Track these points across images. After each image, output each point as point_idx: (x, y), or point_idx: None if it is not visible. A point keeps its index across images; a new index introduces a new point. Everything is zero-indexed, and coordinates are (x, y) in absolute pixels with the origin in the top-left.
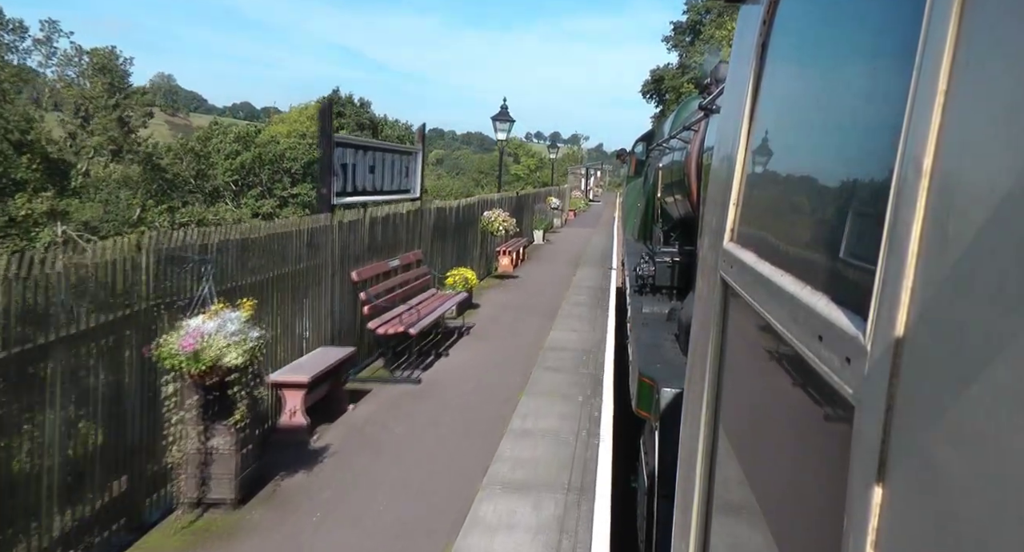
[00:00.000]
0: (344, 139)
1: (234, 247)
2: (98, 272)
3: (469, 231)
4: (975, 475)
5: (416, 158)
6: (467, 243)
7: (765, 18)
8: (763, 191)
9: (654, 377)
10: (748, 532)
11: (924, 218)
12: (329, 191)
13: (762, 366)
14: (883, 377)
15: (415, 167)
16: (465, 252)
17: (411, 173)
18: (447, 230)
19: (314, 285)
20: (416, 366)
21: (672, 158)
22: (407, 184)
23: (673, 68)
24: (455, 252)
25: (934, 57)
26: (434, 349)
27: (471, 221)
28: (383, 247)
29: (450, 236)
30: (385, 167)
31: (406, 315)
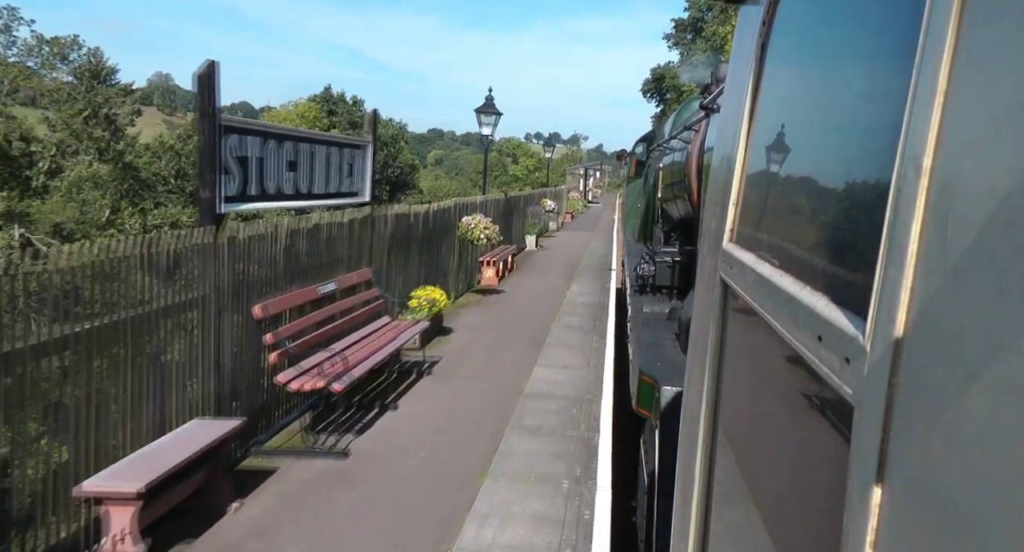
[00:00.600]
0: (239, 123)
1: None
2: None
3: (443, 241)
4: (974, 475)
5: (365, 153)
6: (440, 255)
7: (765, 19)
8: (763, 192)
9: (655, 376)
10: (747, 532)
11: (924, 218)
12: (214, 195)
13: (762, 367)
14: (882, 377)
15: (363, 163)
16: (437, 266)
17: (359, 171)
18: (412, 241)
19: (181, 330)
20: (347, 429)
21: (673, 158)
22: (352, 185)
23: (674, 66)
24: (423, 267)
25: (934, 57)
26: (380, 399)
27: (446, 229)
28: (311, 268)
29: (416, 248)
30: (316, 163)
31: (329, 365)
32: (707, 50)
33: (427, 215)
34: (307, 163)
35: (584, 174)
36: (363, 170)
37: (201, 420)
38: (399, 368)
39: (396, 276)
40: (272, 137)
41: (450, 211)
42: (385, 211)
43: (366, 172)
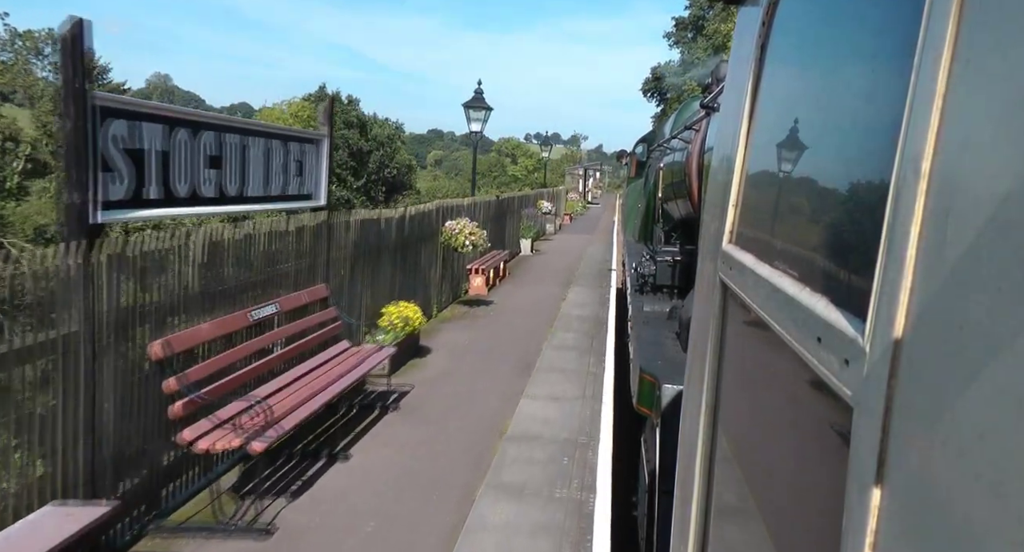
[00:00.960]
0: (127, 104)
1: None
2: None
3: (424, 248)
4: (974, 476)
5: (320, 148)
6: (420, 264)
7: (764, 19)
8: (762, 193)
9: (655, 374)
10: (747, 532)
11: (923, 219)
12: (85, 199)
13: (761, 368)
14: (882, 379)
15: (317, 161)
16: (416, 277)
17: (312, 170)
18: (383, 250)
19: (28, 387)
20: (280, 490)
21: (673, 158)
22: (303, 187)
23: (675, 65)
24: (398, 279)
25: (933, 58)
26: (329, 445)
27: (427, 234)
28: (244, 288)
29: (389, 258)
30: (251, 160)
31: (252, 415)
32: (708, 49)
33: (403, 220)
34: (236, 159)
35: (583, 174)
36: (317, 169)
37: (58, 506)
38: (360, 402)
39: (362, 291)
40: (182, 125)
41: (432, 215)
42: (347, 217)
43: (321, 171)
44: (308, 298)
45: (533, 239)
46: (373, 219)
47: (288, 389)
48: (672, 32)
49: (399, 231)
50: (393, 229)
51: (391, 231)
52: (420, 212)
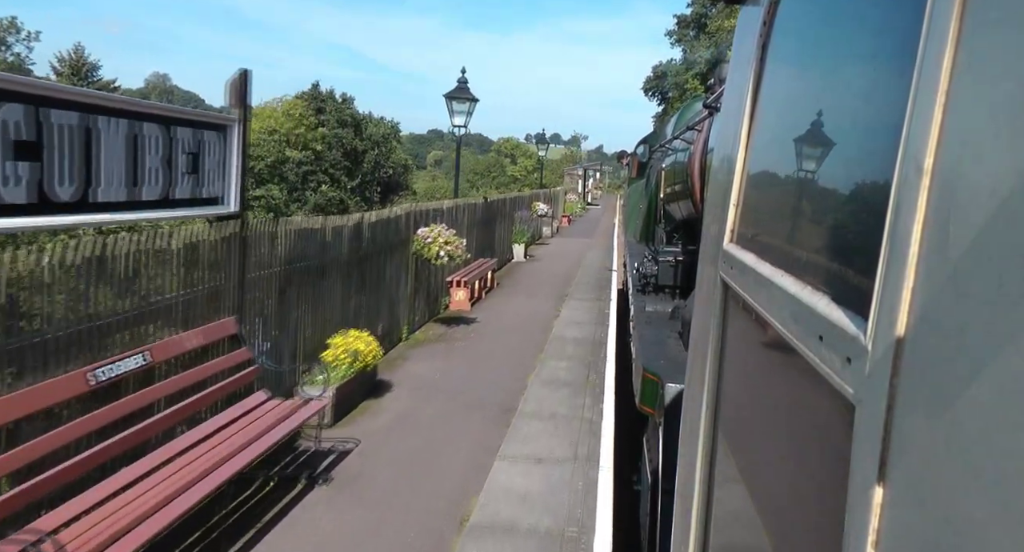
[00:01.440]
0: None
1: None
2: None
3: (390, 260)
4: (976, 475)
5: (227, 138)
6: (384, 280)
7: (765, 19)
8: (763, 192)
9: (658, 373)
10: (749, 531)
11: (925, 218)
12: None
13: (763, 367)
14: (884, 377)
15: (224, 154)
16: (378, 296)
17: (215, 166)
18: (331, 266)
19: None
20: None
21: (675, 159)
22: (201, 188)
23: (677, 64)
24: (354, 301)
25: (935, 57)
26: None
27: (395, 244)
28: (87, 336)
29: (340, 275)
30: (104, 149)
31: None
32: (711, 46)
33: (359, 228)
34: (70, 147)
35: (583, 175)
36: (223, 165)
37: None
38: (282, 470)
39: (299, 320)
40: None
41: (400, 221)
42: (274, 227)
43: (230, 168)
44: (204, 339)
45: (527, 244)
46: (312, 229)
47: (156, 475)
48: (674, 30)
49: (354, 242)
50: (345, 240)
51: (341, 243)
52: (385, 218)
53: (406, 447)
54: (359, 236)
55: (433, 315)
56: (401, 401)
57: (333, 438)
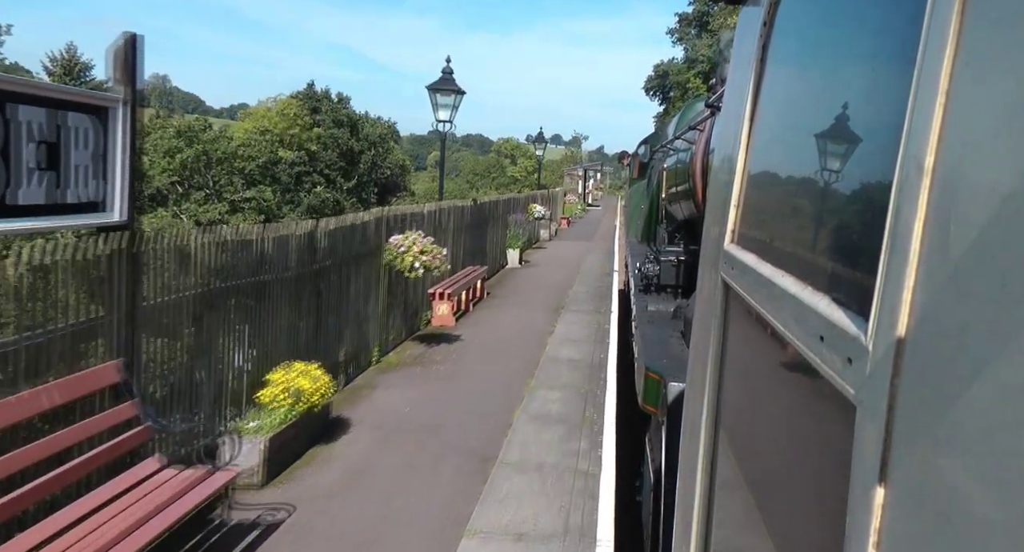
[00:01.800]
0: None
1: None
2: None
3: (356, 273)
4: (977, 475)
5: (111, 122)
6: (348, 298)
7: (766, 19)
8: (764, 192)
9: (661, 372)
10: (750, 532)
11: (926, 217)
12: None
13: (763, 367)
14: (885, 377)
15: (105, 145)
16: (339, 316)
17: (87, 162)
18: (270, 285)
19: None
20: None
21: (677, 159)
22: (73, 190)
23: (678, 62)
24: (307, 324)
25: (935, 56)
26: None
27: (362, 254)
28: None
29: (286, 294)
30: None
31: None
32: (713, 45)
33: (315, 237)
34: None
35: (583, 175)
36: (105, 160)
37: None
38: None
39: (224, 354)
40: None
41: (369, 228)
42: (185, 240)
43: (113, 164)
44: (65, 395)
45: (522, 249)
46: (246, 240)
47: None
48: (675, 28)
49: (306, 254)
50: (292, 252)
51: (288, 256)
52: (348, 225)
53: (352, 516)
54: (313, 247)
55: (412, 332)
56: (358, 446)
57: (260, 505)
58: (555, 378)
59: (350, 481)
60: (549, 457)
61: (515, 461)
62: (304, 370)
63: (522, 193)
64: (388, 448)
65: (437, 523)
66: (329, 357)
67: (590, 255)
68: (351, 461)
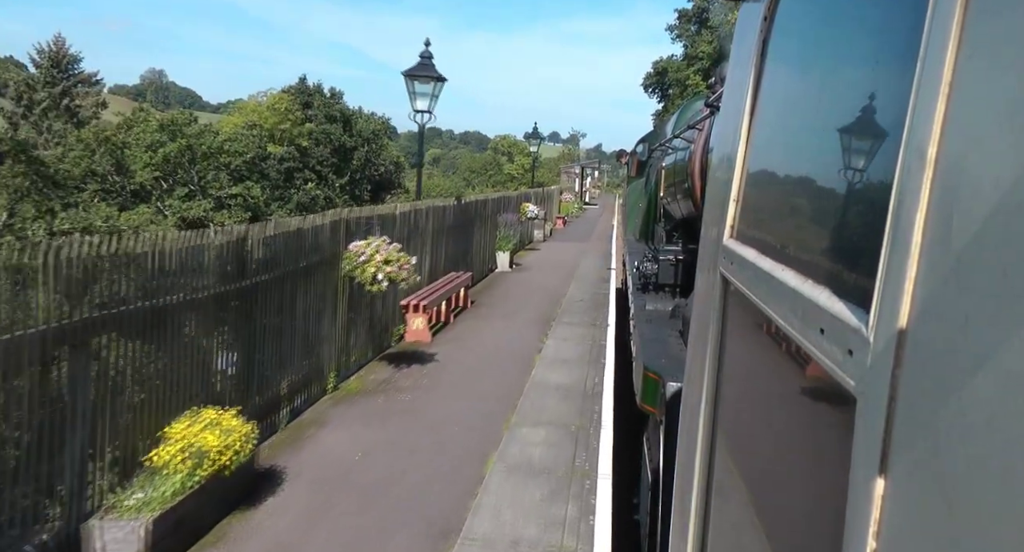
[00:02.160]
0: None
1: None
2: None
3: (307, 287)
4: (977, 467)
5: None
6: (294, 317)
7: (766, 14)
8: (764, 187)
9: (659, 371)
10: (749, 525)
11: (927, 209)
12: None
13: (763, 361)
14: (885, 369)
15: None
16: (281, 342)
17: None
18: (171, 312)
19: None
20: None
21: (675, 158)
22: None
23: (678, 60)
24: (238, 355)
25: (938, 49)
26: None
27: (316, 265)
28: None
29: (200, 321)
30: None
31: None
32: (713, 41)
33: (244, 246)
34: None
35: (580, 173)
36: None
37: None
38: None
39: (97, 403)
40: None
41: (323, 232)
42: (38, 252)
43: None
44: None
45: (513, 251)
46: (133, 253)
47: None
48: (675, 25)
49: (233, 266)
50: (210, 266)
51: (203, 270)
52: (293, 230)
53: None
54: (242, 259)
55: (381, 351)
56: (287, 516)
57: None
58: (541, 411)
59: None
60: (528, 529)
61: (482, 536)
62: (214, 420)
63: (518, 191)
64: (326, 517)
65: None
66: (265, 392)
67: (586, 258)
68: (274, 540)
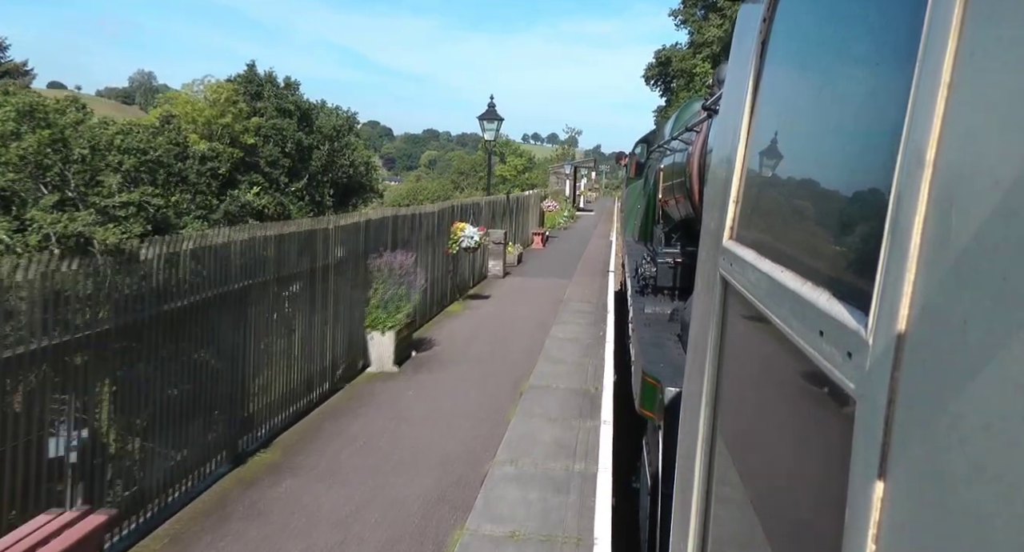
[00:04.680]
0: None
1: None
2: None
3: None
4: (976, 469)
5: None
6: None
7: (766, 15)
8: (763, 188)
9: (658, 376)
10: (749, 527)
11: (926, 211)
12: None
13: (762, 362)
14: (885, 371)
15: None
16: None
17: None
18: None
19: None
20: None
21: (673, 159)
22: None
23: (682, 48)
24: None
25: (937, 49)
26: None
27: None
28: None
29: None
30: None
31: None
32: (723, 25)
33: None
34: None
35: (573, 174)
36: None
37: None
38: None
39: None
40: None
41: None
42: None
43: None
44: None
45: (406, 328)
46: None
47: None
48: (679, 9)
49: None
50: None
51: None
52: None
53: None
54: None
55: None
56: None
57: None
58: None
59: None
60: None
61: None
62: None
63: (473, 197)
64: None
65: None
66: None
67: (566, 310)
68: None
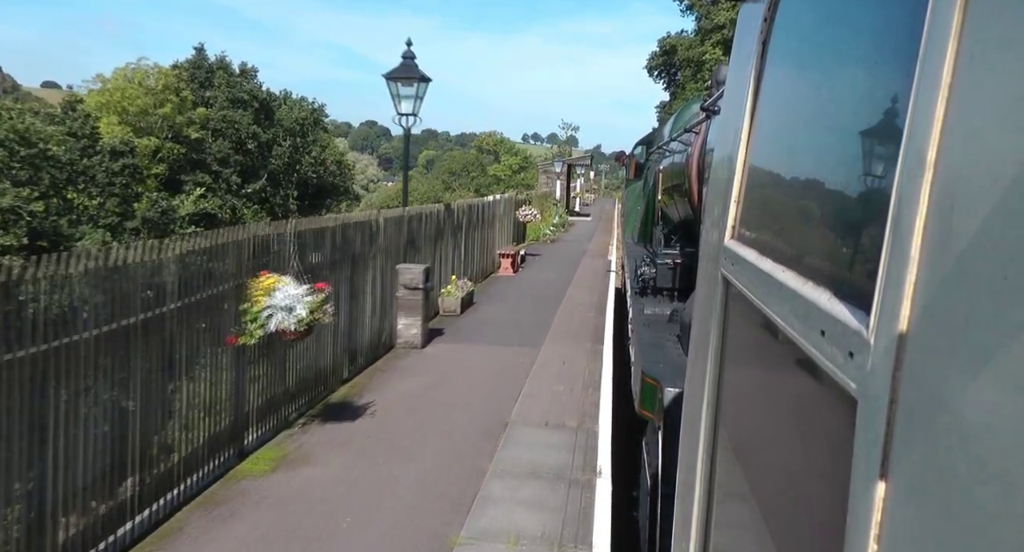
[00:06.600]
0: None
1: None
2: None
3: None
4: (978, 469)
5: None
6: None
7: (767, 15)
8: (764, 188)
9: (658, 377)
10: (750, 528)
11: (927, 212)
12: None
13: (764, 363)
14: (886, 371)
15: None
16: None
17: None
18: None
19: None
20: None
21: (673, 160)
22: None
23: (688, 36)
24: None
25: (938, 49)
26: None
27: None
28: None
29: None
30: None
31: None
32: (736, 6)
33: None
34: None
35: (568, 173)
36: None
37: None
38: None
39: None
40: None
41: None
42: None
43: None
44: None
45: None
46: None
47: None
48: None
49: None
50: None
51: None
52: None
53: None
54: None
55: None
56: None
57: None
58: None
59: None
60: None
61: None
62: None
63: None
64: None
65: None
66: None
67: (496, 494)
68: None
